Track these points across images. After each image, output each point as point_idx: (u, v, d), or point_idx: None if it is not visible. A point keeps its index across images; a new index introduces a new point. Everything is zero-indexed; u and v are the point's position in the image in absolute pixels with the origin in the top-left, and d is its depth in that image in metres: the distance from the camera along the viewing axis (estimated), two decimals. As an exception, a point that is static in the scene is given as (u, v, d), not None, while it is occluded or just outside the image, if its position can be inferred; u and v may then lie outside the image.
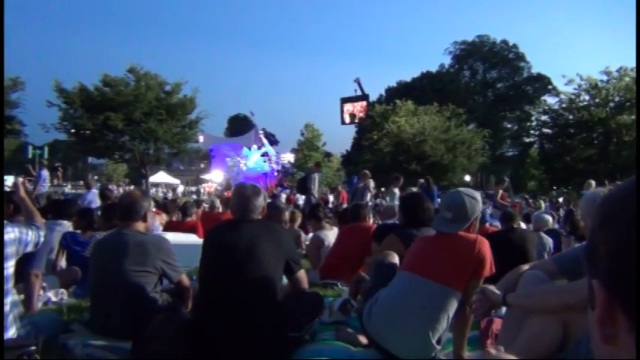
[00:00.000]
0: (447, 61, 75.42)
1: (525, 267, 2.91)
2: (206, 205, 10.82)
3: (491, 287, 2.74)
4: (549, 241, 6.41)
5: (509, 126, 69.78)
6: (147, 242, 3.41)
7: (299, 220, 8.51)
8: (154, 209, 8.03)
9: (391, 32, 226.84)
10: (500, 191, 12.24)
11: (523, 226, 9.14)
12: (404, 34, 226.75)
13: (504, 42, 72.22)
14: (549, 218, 8.23)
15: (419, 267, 3.09)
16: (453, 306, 3.02)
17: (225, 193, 21.53)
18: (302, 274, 3.42)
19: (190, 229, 7.07)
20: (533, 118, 49.87)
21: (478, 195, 3.19)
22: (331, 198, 28.67)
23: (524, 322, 2.55)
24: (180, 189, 50.80)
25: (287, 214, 4.67)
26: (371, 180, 13.27)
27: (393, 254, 3.70)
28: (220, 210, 9.51)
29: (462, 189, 3.22)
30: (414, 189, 12.89)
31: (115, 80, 28.99)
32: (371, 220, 6.39)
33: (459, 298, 3.03)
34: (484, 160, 39.80)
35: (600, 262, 0.55)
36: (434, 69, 71.13)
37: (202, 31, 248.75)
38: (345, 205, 11.31)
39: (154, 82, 29.77)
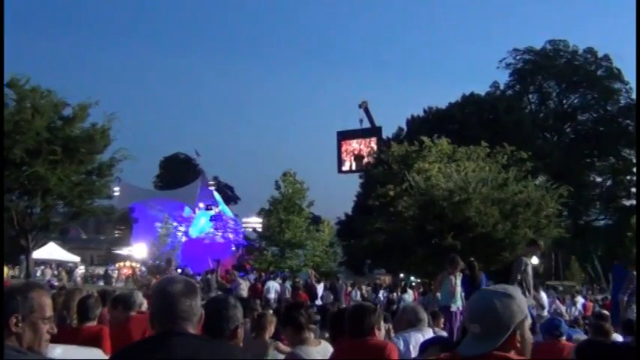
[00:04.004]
0: (503, 78, 76.97)
1: None
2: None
3: None
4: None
5: (598, 180, 70.52)
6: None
7: (271, 328, 8.39)
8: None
9: (416, 33, 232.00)
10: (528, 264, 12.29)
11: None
12: (435, 37, 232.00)
13: (590, 51, 73.83)
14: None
15: None
16: None
17: (154, 280, 21.37)
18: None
19: (91, 339, 6.97)
20: (635, 169, 50.48)
21: (516, 291, 3.22)
22: (320, 289, 28.52)
23: None
24: (81, 271, 50.25)
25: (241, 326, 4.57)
26: None
27: None
28: (144, 308, 9.41)
29: (491, 287, 3.26)
30: (455, 278, 12.85)
31: (-14, 98, 29.12)
32: (383, 331, 6.34)
33: None
34: (561, 232, 39.96)
35: None
36: (482, 90, 72.56)
37: (124, 29, 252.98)
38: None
39: (46, 102, 29.92)
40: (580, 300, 29.44)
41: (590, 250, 59.24)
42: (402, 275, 50.55)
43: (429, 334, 7.06)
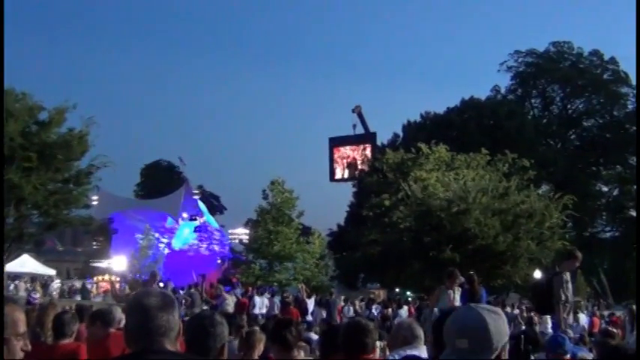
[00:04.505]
0: (504, 82, 77.10)
1: None
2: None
3: None
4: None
5: (604, 189, 70.56)
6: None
7: (260, 347, 8.37)
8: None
9: (413, 34, 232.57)
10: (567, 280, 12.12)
11: None
12: (433, 39, 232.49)
13: (596, 54, 74.03)
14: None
15: None
16: None
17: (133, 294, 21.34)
18: None
19: (68, 357, 6.93)
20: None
21: (500, 311, 3.25)
22: (310, 304, 28.37)
23: None
24: (56, 285, 50.00)
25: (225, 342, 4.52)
26: None
27: None
28: (124, 325, 9.38)
29: (476, 305, 3.27)
30: (454, 292, 12.89)
31: (-46, 101, 29.02)
32: (378, 349, 6.33)
33: None
34: (565, 244, 39.96)
35: None
36: (482, 95, 72.61)
37: (103, 32, 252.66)
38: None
39: (21, 105, 29.83)
40: (582, 316, 29.29)
41: (596, 263, 59.26)
42: (397, 290, 50.51)
43: (425, 352, 7.04)
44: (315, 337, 13.47)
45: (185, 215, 56.09)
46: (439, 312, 13.08)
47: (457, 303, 12.63)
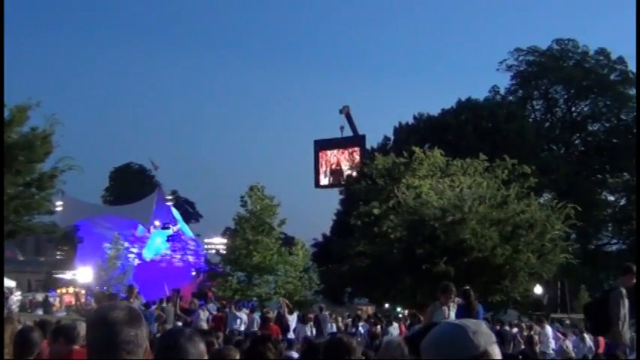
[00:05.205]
0: (504, 82, 77.42)
1: None
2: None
3: None
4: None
5: (611, 199, 70.74)
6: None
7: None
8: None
9: (405, 30, 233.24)
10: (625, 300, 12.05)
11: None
12: (427, 35, 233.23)
13: (602, 52, 74.34)
14: None
15: None
16: None
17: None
18: None
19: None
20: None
21: (484, 325, 3.20)
22: (292, 321, 28.33)
23: None
24: (17, 298, 49.74)
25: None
26: None
27: None
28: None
29: (458, 321, 3.25)
30: (449, 309, 12.92)
31: None
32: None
33: None
34: (568, 257, 40.11)
35: None
36: (480, 95, 72.84)
37: (68, 22, 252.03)
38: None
39: (-21, 102, 29.69)
40: (587, 337, 29.28)
41: (602, 278, 59.39)
42: (387, 305, 50.49)
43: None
44: (296, 356, 13.47)
45: (157, 223, 56.04)
46: (415, 330, 13.04)
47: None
